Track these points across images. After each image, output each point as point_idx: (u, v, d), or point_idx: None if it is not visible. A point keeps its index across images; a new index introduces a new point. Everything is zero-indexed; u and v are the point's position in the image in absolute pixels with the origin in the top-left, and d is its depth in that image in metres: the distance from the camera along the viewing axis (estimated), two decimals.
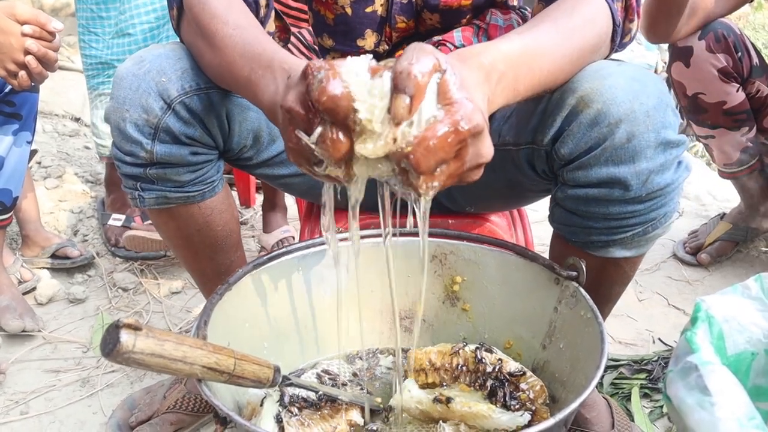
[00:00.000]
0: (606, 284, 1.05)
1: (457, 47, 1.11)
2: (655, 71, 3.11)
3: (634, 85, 0.89)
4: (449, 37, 1.13)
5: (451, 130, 0.66)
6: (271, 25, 1.09)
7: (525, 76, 0.82)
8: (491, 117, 1.08)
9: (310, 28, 1.24)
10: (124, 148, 0.98)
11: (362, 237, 1.13)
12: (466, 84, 0.69)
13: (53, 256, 1.90)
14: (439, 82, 0.68)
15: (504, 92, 0.79)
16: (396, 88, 0.66)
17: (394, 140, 0.66)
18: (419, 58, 0.67)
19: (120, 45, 1.82)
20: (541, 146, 0.97)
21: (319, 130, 0.68)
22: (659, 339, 1.62)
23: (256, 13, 1.01)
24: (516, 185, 1.12)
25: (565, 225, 1.00)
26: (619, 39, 0.96)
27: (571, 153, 0.91)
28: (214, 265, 1.14)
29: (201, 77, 0.97)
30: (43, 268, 1.89)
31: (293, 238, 1.97)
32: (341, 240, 1.12)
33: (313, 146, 0.69)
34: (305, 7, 1.27)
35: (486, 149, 0.70)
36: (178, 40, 1.03)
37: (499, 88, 0.77)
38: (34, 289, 1.78)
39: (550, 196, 1.17)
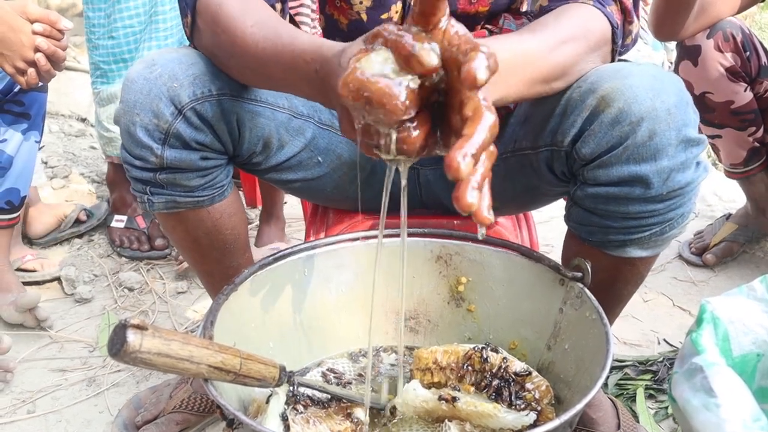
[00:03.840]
0: (619, 284, 1.06)
1: None
2: None
3: (654, 84, 0.89)
4: None
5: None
6: None
7: (513, 75, 0.84)
8: (504, 123, 1.08)
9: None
10: (134, 152, 0.98)
11: (365, 238, 1.13)
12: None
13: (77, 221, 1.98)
14: None
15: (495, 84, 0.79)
16: None
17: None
18: None
19: (105, 47, 1.86)
20: (561, 147, 0.97)
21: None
22: (664, 340, 1.62)
23: None
24: (532, 189, 1.12)
25: (582, 224, 1.00)
26: (620, 41, 0.97)
27: (593, 152, 0.92)
28: (222, 268, 1.14)
29: (213, 83, 0.97)
30: (71, 238, 1.99)
31: None
32: (345, 241, 1.12)
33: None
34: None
35: None
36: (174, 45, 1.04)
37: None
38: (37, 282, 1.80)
39: (561, 198, 1.18)
